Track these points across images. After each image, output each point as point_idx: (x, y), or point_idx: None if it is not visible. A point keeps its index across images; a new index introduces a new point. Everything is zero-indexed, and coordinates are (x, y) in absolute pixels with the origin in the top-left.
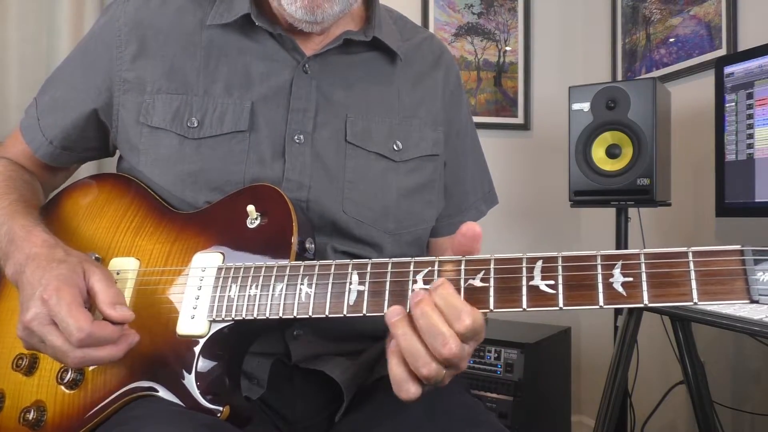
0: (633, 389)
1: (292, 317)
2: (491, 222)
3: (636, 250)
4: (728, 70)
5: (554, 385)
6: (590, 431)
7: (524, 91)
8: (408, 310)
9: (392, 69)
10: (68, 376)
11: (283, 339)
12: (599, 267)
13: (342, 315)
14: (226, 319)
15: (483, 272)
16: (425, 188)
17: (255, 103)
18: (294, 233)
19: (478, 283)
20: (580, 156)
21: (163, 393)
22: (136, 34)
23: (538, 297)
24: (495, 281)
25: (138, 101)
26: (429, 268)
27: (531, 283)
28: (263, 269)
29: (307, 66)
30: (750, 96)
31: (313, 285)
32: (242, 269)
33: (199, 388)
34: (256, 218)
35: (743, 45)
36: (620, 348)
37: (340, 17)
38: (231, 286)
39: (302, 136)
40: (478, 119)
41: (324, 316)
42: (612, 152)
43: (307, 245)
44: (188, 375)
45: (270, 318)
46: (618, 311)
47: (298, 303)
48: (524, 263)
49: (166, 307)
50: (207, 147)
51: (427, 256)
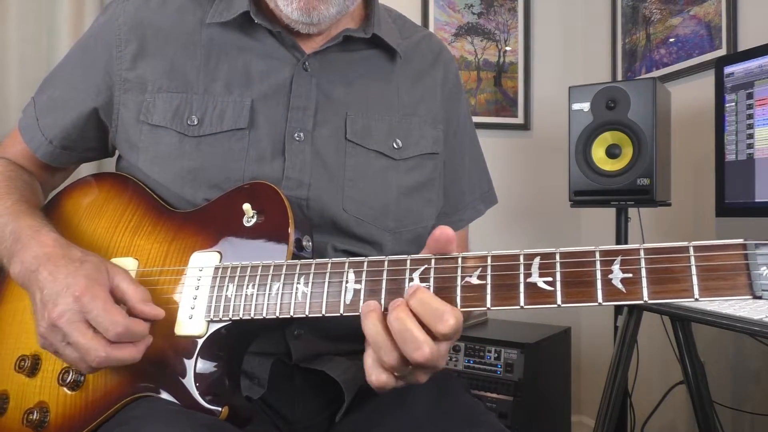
0: (633, 389)
1: (289, 317)
2: (491, 222)
3: (636, 245)
4: (728, 70)
5: (554, 385)
6: (590, 431)
7: (524, 91)
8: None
9: (392, 67)
10: (69, 378)
11: (284, 338)
12: (598, 263)
13: (339, 314)
14: (224, 320)
15: (480, 269)
16: (425, 186)
17: (255, 101)
18: (290, 231)
19: (475, 281)
20: (580, 156)
21: (163, 394)
22: (136, 34)
23: (536, 294)
24: (492, 278)
25: (138, 100)
26: (425, 266)
27: (529, 280)
28: (260, 268)
29: (307, 64)
30: (750, 96)
31: (310, 284)
32: (239, 268)
33: (198, 389)
34: (253, 216)
35: (743, 45)
36: (620, 348)
37: (339, 18)
38: (228, 286)
39: (302, 134)
40: (478, 119)
41: (321, 315)
42: (612, 152)
43: (304, 243)
44: (187, 375)
45: (267, 318)
46: (618, 311)
47: (295, 302)
48: (522, 260)
49: (165, 308)
50: (207, 144)
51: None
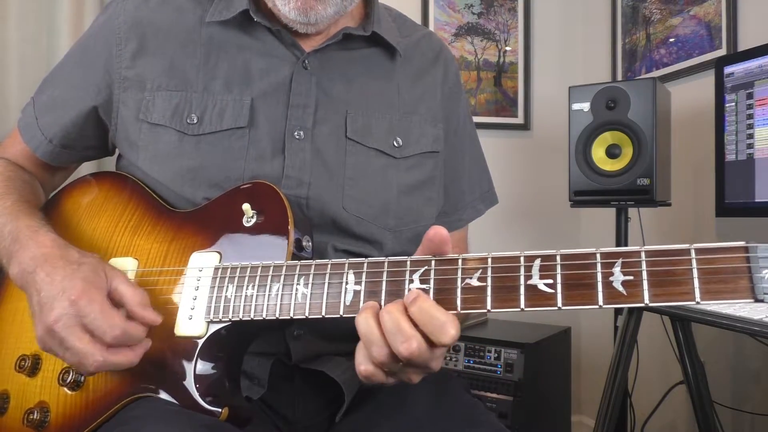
0: (633, 389)
1: (289, 318)
2: (491, 222)
3: (636, 248)
4: (728, 70)
5: (554, 385)
6: (590, 431)
7: (524, 91)
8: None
9: (392, 65)
10: (69, 378)
11: (284, 339)
12: (599, 265)
13: (338, 315)
14: (224, 320)
15: (480, 271)
16: (425, 185)
17: (255, 100)
18: (290, 231)
19: (476, 283)
20: (580, 156)
21: (163, 394)
22: (136, 32)
23: (537, 296)
24: (492, 280)
25: (138, 98)
26: (425, 267)
27: (529, 282)
28: (259, 269)
29: (307, 62)
30: (750, 96)
31: (310, 285)
32: (239, 269)
33: (198, 390)
34: (252, 217)
35: (743, 45)
36: (620, 348)
37: (338, 18)
38: (228, 287)
39: (302, 132)
40: (478, 119)
41: (320, 317)
42: (612, 152)
43: (304, 243)
44: (187, 376)
45: (267, 319)
46: (618, 311)
47: (295, 303)
48: (522, 261)
49: (165, 308)
50: (206, 143)
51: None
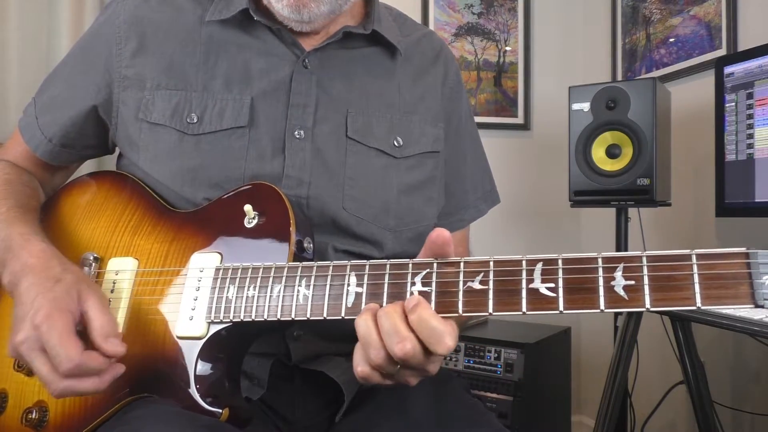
0: (633, 389)
1: (290, 319)
2: (491, 222)
3: (638, 252)
4: (728, 70)
5: (554, 385)
6: (590, 431)
7: (524, 91)
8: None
9: (392, 64)
10: None
11: (284, 339)
12: (600, 270)
13: (340, 317)
14: (225, 321)
15: (482, 274)
16: (426, 185)
17: (255, 99)
18: (292, 233)
19: (477, 286)
20: (580, 156)
21: (163, 395)
22: (136, 31)
23: (538, 300)
24: (494, 284)
25: (137, 98)
26: (427, 270)
27: (531, 286)
28: (261, 270)
29: (307, 61)
30: (750, 96)
31: (311, 286)
32: (240, 270)
33: (199, 391)
34: (254, 218)
35: (743, 45)
36: (620, 348)
37: (336, 17)
38: (229, 287)
39: (302, 132)
40: (478, 119)
41: (322, 318)
42: (612, 152)
43: (306, 245)
44: (187, 377)
45: (268, 320)
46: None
47: (296, 305)
48: (524, 265)
49: (165, 308)
50: (206, 143)
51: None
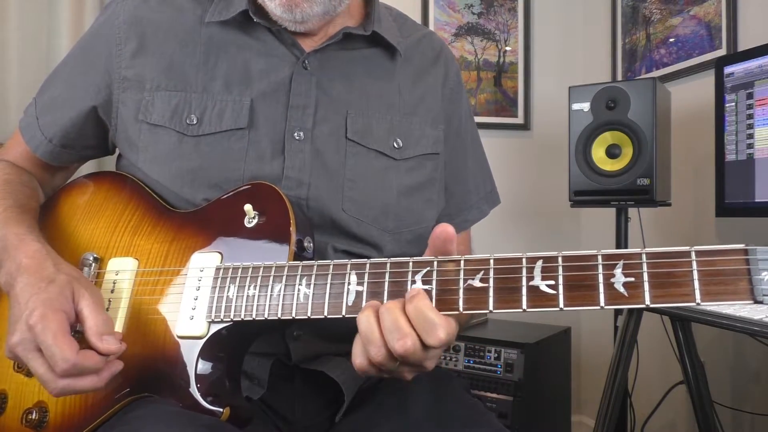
0: (633, 389)
1: (291, 318)
2: (491, 222)
3: (638, 250)
4: (728, 70)
5: (554, 385)
6: (590, 431)
7: (524, 91)
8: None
9: (392, 65)
10: None
11: (284, 339)
12: (600, 267)
13: (341, 315)
14: (225, 320)
15: (482, 272)
16: (425, 187)
17: (254, 100)
18: (292, 232)
19: (478, 284)
20: (580, 156)
21: (164, 394)
22: (136, 32)
23: (539, 297)
24: (495, 281)
25: (137, 99)
26: (428, 268)
27: (531, 284)
28: (261, 269)
29: (307, 62)
30: (750, 96)
31: (312, 285)
32: (240, 269)
33: (199, 390)
34: (254, 217)
35: (743, 45)
36: (620, 348)
37: (332, 17)
38: (229, 287)
39: (302, 133)
40: (478, 119)
41: (323, 317)
42: (612, 152)
43: (306, 244)
44: (188, 376)
45: (269, 319)
46: (618, 311)
47: (297, 303)
48: (524, 263)
49: (165, 308)
50: (206, 144)
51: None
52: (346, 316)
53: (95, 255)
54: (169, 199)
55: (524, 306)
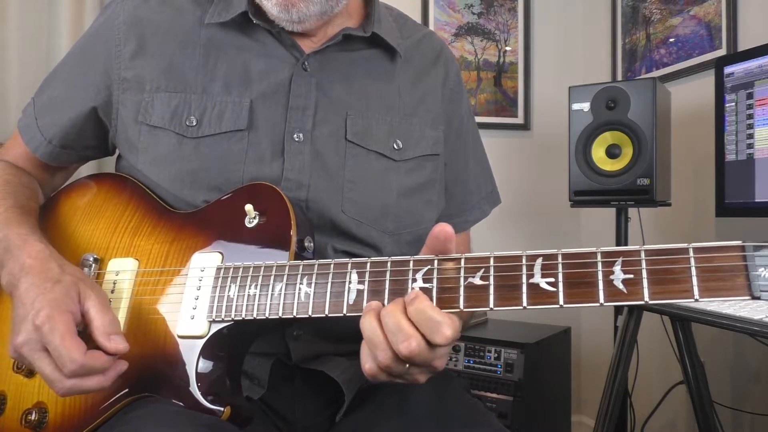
0: (633, 389)
1: (292, 317)
2: (491, 222)
3: (636, 247)
4: (728, 70)
5: (554, 385)
6: (590, 431)
7: (524, 91)
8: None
9: (392, 66)
10: None
11: (284, 339)
12: (599, 264)
13: (342, 314)
14: (226, 319)
15: (483, 270)
16: (425, 188)
17: (254, 102)
18: (293, 232)
19: (478, 282)
20: (580, 156)
21: (164, 394)
22: (135, 32)
23: (539, 295)
24: (495, 279)
25: (137, 100)
26: (428, 267)
27: (531, 281)
28: (262, 269)
29: (307, 63)
30: (750, 96)
31: (313, 284)
32: (241, 269)
33: (200, 389)
34: (255, 217)
35: (743, 45)
36: (620, 348)
37: (331, 18)
38: (230, 286)
39: (301, 135)
40: (478, 119)
41: (324, 316)
42: (612, 152)
43: (306, 244)
44: (189, 376)
45: (270, 318)
46: (618, 310)
47: (298, 302)
48: (524, 261)
49: (166, 308)
50: (205, 146)
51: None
52: (347, 315)
53: (95, 256)
54: (169, 201)
55: (524, 303)
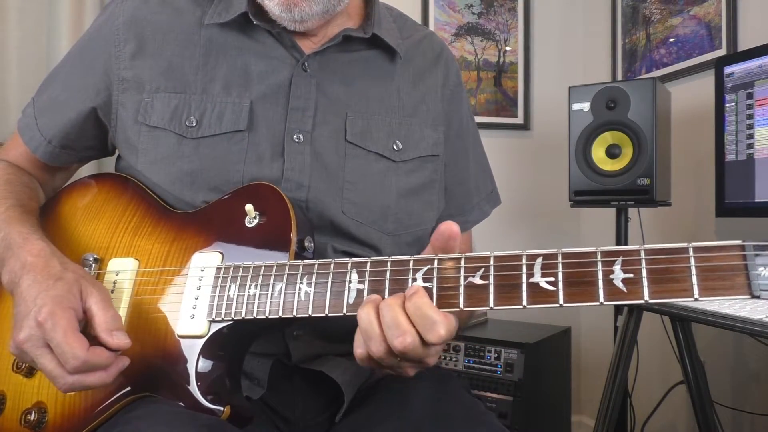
0: (633, 389)
1: (292, 316)
2: (490, 222)
3: (636, 246)
4: (728, 70)
5: (554, 385)
6: (590, 431)
7: (524, 91)
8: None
9: (392, 67)
10: None
11: (283, 339)
12: (599, 263)
13: (342, 314)
14: (226, 319)
15: (483, 270)
16: (425, 189)
17: (254, 102)
18: (293, 232)
19: (478, 281)
20: (580, 156)
21: (164, 394)
22: (135, 33)
23: (539, 294)
24: (495, 279)
25: (137, 100)
26: (428, 266)
27: (531, 280)
28: (262, 268)
29: (307, 64)
30: (750, 96)
31: (313, 284)
32: (241, 269)
33: (200, 389)
34: (255, 217)
35: (743, 45)
36: (620, 348)
37: (332, 17)
38: (230, 286)
39: (301, 135)
40: (478, 119)
41: (324, 315)
42: (612, 152)
43: (306, 244)
44: (189, 375)
45: (270, 317)
46: (618, 310)
47: (298, 302)
48: (524, 260)
49: (166, 307)
50: (205, 146)
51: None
52: (347, 315)
53: (95, 255)
54: (169, 201)
55: (524, 303)
